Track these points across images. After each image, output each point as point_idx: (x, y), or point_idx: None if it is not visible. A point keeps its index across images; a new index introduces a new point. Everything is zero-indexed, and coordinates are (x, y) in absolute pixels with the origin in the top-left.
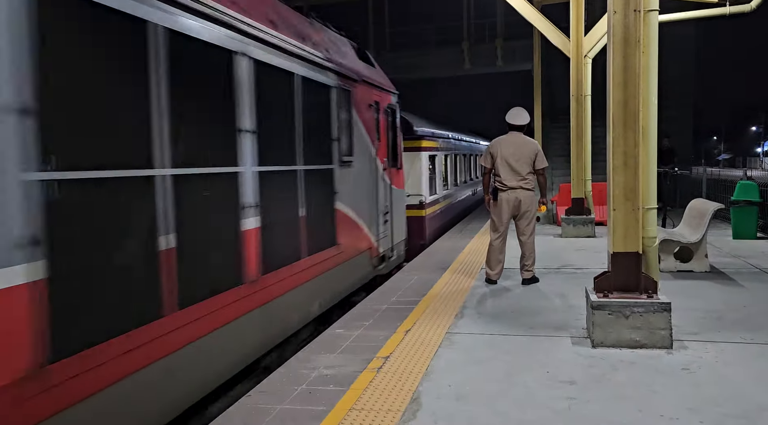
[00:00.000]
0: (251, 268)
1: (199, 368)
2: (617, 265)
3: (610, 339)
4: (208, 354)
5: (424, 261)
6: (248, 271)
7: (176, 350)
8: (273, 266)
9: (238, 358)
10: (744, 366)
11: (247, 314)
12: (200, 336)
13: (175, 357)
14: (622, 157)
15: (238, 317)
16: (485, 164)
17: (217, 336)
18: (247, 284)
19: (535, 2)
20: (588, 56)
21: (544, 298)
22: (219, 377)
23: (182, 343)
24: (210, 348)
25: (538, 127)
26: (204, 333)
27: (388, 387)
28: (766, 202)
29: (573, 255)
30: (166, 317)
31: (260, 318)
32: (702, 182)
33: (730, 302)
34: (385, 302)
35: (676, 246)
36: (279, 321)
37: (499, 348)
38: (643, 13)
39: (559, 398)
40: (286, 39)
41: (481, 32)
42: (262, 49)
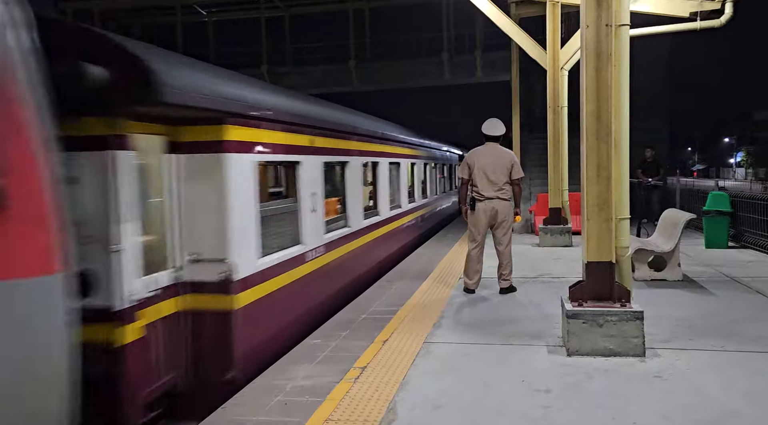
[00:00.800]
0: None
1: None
2: (591, 274)
3: (585, 347)
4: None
5: (404, 270)
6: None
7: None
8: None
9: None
10: (714, 373)
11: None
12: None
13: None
14: (596, 168)
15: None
16: (462, 174)
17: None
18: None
19: (513, 15)
20: (564, 68)
21: (522, 307)
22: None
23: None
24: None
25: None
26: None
27: (364, 397)
28: (737, 212)
29: (550, 264)
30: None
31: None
32: (676, 192)
33: (702, 310)
34: (364, 311)
35: (650, 255)
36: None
37: (476, 358)
38: (614, 28)
39: (535, 406)
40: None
41: (461, 43)
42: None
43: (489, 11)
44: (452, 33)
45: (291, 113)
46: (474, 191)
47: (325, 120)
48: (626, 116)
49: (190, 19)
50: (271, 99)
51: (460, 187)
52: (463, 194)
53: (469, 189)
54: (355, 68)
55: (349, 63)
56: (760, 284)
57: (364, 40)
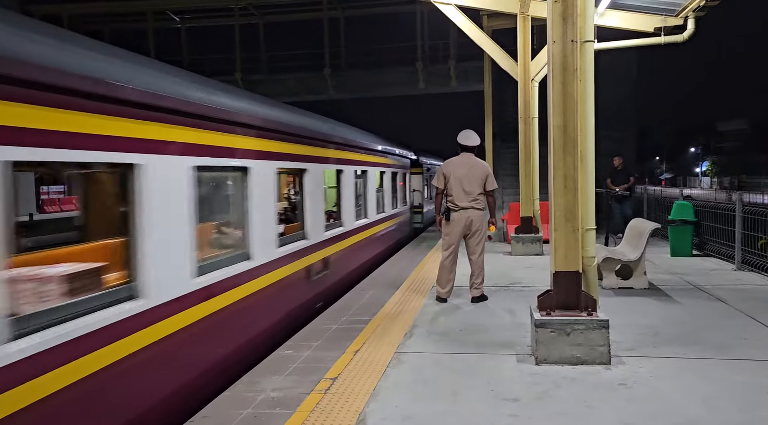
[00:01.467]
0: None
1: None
2: (559, 284)
3: (553, 356)
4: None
5: (377, 279)
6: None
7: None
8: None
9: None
10: (676, 380)
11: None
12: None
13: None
14: (563, 180)
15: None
16: (438, 184)
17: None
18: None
19: (485, 27)
20: (535, 80)
21: (493, 316)
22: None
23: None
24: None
25: (489, 146)
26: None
27: (335, 409)
28: (700, 221)
29: (522, 273)
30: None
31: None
32: (644, 201)
33: (666, 318)
34: (336, 321)
35: (617, 264)
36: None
37: (446, 367)
38: (579, 44)
39: (503, 415)
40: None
41: (435, 53)
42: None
43: (461, 23)
44: (426, 43)
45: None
46: (449, 201)
47: (278, 121)
48: (592, 128)
49: (163, 26)
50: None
51: (435, 197)
52: (437, 203)
53: (444, 199)
54: (330, 77)
55: (324, 71)
56: (722, 292)
57: (340, 48)
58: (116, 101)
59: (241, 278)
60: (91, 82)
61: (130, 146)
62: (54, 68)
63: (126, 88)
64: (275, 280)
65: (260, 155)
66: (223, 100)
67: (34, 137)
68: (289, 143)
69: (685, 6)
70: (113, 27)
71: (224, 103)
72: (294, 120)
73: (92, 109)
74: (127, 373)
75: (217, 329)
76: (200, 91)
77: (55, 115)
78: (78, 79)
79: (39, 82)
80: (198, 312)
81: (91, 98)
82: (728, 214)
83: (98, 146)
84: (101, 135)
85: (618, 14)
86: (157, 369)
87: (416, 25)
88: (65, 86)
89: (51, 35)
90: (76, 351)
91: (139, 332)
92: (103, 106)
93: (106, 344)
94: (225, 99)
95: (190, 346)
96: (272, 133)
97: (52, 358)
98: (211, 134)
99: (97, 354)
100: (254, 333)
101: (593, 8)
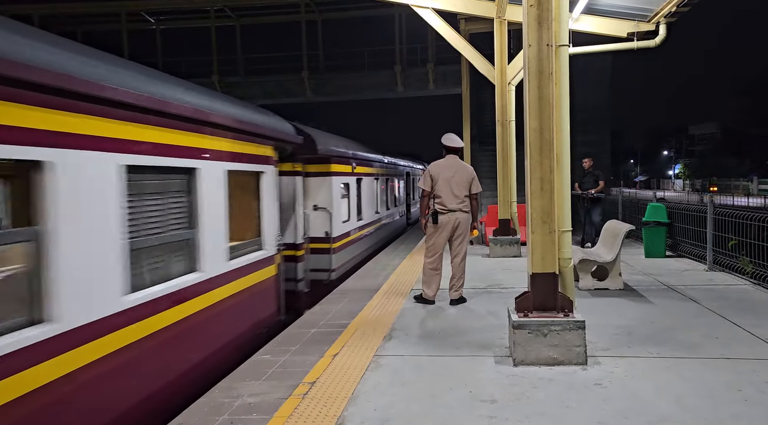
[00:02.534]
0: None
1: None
2: (536, 285)
3: (531, 357)
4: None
5: (356, 283)
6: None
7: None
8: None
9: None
10: (650, 379)
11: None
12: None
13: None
14: (539, 182)
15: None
16: (425, 187)
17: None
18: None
19: (462, 31)
20: (512, 84)
21: (472, 318)
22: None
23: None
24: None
25: (468, 149)
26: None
27: (313, 413)
28: (673, 223)
29: (500, 275)
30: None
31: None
32: (618, 203)
33: (641, 318)
34: (314, 325)
35: (593, 265)
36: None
37: (425, 370)
38: (555, 47)
39: (480, 417)
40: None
41: (414, 56)
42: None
43: (439, 26)
44: (405, 46)
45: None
46: (437, 203)
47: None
48: (567, 131)
49: (137, 27)
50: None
51: (422, 199)
52: (424, 206)
53: (431, 202)
54: (308, 79)
55: (302, 74)
56: (694, 292)
57: (317, 51)
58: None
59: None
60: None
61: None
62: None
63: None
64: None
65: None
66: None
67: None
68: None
69: (657, 12)
70: (86, 28)
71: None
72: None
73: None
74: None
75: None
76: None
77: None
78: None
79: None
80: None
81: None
82: (700, 216)
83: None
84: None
85: (592, 19)
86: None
87: (394, 28)
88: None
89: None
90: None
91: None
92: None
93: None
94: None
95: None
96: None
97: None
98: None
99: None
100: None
101: (568, 13)
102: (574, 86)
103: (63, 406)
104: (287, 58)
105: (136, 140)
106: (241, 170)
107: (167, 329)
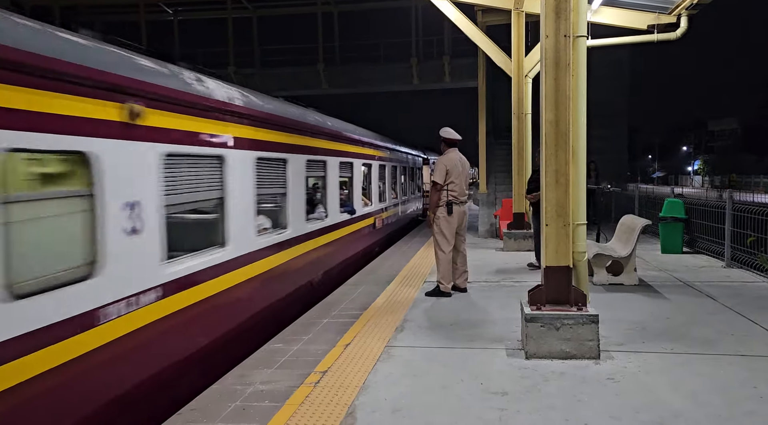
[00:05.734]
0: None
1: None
2: (549, 279)
3: (543, 350)
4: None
5: (369, 274)
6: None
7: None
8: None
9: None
10: (664, 374)
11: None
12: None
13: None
14: (554, 175)
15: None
16: (439, 180)
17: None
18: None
19: (480, 23)
20: (528, 76)
21: (484, 311)
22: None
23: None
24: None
25: (483, 143)
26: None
27: (324, 401)
28: (691, 218)
29: (513, 268)
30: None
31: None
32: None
33: (655, 313)
34: (327, 315)
35: (608, 260)
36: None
37: (436, 361)
38: (572, 39)
39: (491, 409)
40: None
41: (430, 49)
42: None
43: (456, 18)
44: (421, 38)
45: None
46: (452, 195)
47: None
48: (583, 124)
49: (155, 18)
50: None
51: (434, 193)
52: (436, 199)
53: (444, 193)
54: (323, 71)
55: (318, 66)
56: (710, 288)
57: (333, 43)
58: None
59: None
60: None
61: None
62: None
63: None
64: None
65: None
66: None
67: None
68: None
69: (678, 3)
70: (105, 19)
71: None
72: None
73: None
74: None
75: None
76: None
77: None
78: None
79: None
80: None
81: None
82: (718, 211)
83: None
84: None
85: (611, 11)
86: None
87: (411, 20)
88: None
89: None
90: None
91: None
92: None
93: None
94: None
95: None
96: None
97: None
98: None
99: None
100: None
101: (586, 4)
102: (591, 79)
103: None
104: (303, 50)
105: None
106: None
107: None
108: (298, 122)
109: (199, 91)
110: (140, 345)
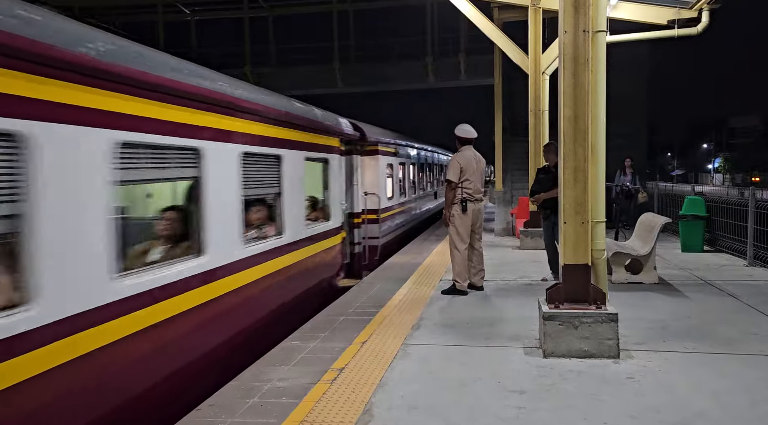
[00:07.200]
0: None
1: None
2: (568, 277)
3: (561, 349)
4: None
5: (385, 272)
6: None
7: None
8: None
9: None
10: (685, 374)
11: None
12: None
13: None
14: (573, 172)
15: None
16: (454, 178)
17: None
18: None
19: (496, 20)
20: (546, 73)
21: (500, 309)
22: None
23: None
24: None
25: (499, 140)
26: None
27: (341, 399)
28: (712, 216)
29: (530, 267)
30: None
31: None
32: (654, 197)
33: (676, 312)
34: (343, 313)
35: (627, 258)
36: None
37: (453, 359)
38: (591, 34)
39: (509, 407)
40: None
41: (445, 46)
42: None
43: (472, 15)
44: (436, 36)
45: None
46: (467, 193)
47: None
48: (602, 120)
49: (172, 18)
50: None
51: (449, 191)
52: (451, 197)
53: (459, 191)
54: (339, 70)
55: (333, 64)
56: (732, 287)
57: (349, 41)
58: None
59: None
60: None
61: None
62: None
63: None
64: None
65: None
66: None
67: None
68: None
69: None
70: (124, 20)
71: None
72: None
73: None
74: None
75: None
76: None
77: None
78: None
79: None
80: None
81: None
82: (740, 209)
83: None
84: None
85: (631, 6)
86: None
87: (426, 18)
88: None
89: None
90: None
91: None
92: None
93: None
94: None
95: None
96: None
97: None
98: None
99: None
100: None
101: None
102: (610, 75)
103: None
104: (318, 49)
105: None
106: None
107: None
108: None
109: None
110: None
